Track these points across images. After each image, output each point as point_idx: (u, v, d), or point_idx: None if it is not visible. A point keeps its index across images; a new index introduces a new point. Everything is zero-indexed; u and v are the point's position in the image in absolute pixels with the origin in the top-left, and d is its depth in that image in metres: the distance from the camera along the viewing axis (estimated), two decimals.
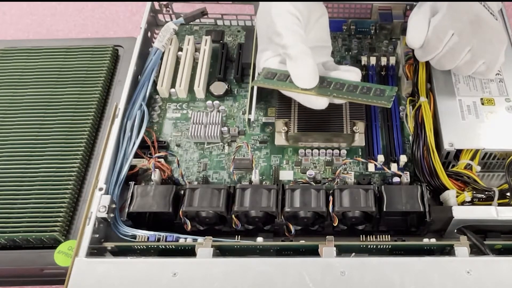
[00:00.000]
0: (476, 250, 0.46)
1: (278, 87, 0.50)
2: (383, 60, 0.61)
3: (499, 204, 0.47)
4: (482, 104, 0.53)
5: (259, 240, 0.46)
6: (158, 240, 0.46)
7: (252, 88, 0.57)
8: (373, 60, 0.61)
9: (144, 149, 0.54)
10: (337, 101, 0.49)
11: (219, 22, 0.68)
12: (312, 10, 0.51)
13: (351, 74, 0.50)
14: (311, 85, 0.48)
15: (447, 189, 0.49)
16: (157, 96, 0.60)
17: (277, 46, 0.49)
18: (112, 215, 0.47)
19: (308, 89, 0.48)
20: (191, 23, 0.67)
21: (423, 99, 0.54)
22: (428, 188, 0.50)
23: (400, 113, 0.57)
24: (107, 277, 0.41)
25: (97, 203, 0.47)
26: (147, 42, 0.63)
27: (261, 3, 0.53)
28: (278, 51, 0.50)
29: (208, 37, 0.64)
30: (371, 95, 0.48)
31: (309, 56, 0.47)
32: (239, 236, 0.46)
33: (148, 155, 0.54)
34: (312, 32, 0.52)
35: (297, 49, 0.47)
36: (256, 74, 0.53)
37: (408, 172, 0.51)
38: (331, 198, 0.47)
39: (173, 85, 0.60)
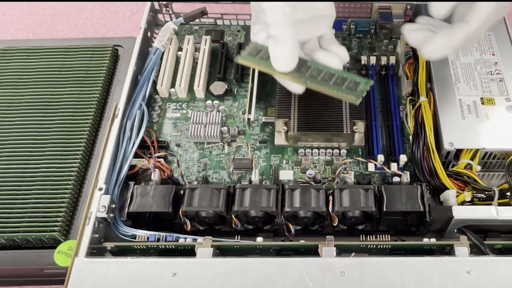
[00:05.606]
0: (476, 250, 0.46)
1: (258, 65, 0.48)
2: (383, 60, 0.61)
3: (499, 204, 0.47)
4: (482, 103, 0.53)
5: (259, 240, 0.46)
6: (158, 240, 0.46)
7: (252, 88, 0.57)
8: (373, 60, 0.61)
9: (144, 149, 0.54)
10: (312, 88, 0.47)
11: (219, 22, 0.68)
12: None
13: (333, 59, 0.47)
14: (287, 69, 0.46)
15: (447, 189, 0.49)
16: (157, 96, 0.60)
17: (263, 22, 0.46)
18: (112, 215, 0.47)
19: (284, 73, 0.46)
20: (191, 22, 0.67)
21: (423, 98, 0.54)
22: (428, 188, 0.50)
23: (400, 113, 0.57)
24: (107, 277, 0.41)
25: (97, 203, 0.47)
26: (147, 42, 0.63)
27: None
28: (264, 27, 0.47)
29: (208, 37, 0.63)
30: (343, 87, 0.45)
31: (289, 38, 0.44)
32: (239, 236, 0.46)
33: (148, 155, 0.54)
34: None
35: (277, 29, 0.44)
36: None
37: (408, 172, 0.51)
38: (331, 198, 0.47)
39: (173, 85, 0.60)
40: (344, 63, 0.48)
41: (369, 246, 0.46)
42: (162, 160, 0.53)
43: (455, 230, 0.48)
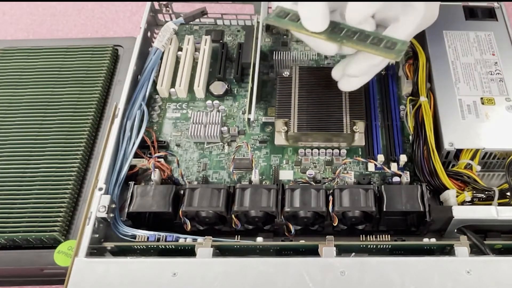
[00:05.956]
0: (476, 250, 0.46)
1: (289, 26, 0.48)
2: None
3: (499, 204, 0.47)
4: (482, 103, 0.53)
5: (259, 240, 0.46)
6: (158, 240, 0.46)
7: (252, 88, 0.57)
8: None
9: (144, 149, 0.54)
10: (346, 50, 0.47)
11: (219, 22, 0.68)
12: None
13: (365, 26, 0.47)
14: (319, 28, 0.45)
15: (447, 188, 0.49)
16: (157, 96, 0.60)
17: None
18: (112, 215, 0.47)
19: (317, 33, 0.46)
20: (191, 22, 0.67)
21: (423, 98, 0.54)
22: (428, 188, 0.50)
23: (400, 113, 0.57)
24: (107, 277, 0.41)
25: (97, 203, 0.47)
26: (147, 42, 0.63)
27: None
28: None
29: (208, 37, 0.63)
30: (381, 46, 0.45)
31: None
32: (239, 236, 0.46)
33: (148, 155, 0.54)
34: None
35: None
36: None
37: (408, 172, 0.51)
38: (331, 198, 0.47)
39: (173, 85, 0.60)
40: (373, 29, 0.48)
41: (369, 246, 0.46)
42: (162, 160, 0.53)
43: (455, 230, 0.48)
